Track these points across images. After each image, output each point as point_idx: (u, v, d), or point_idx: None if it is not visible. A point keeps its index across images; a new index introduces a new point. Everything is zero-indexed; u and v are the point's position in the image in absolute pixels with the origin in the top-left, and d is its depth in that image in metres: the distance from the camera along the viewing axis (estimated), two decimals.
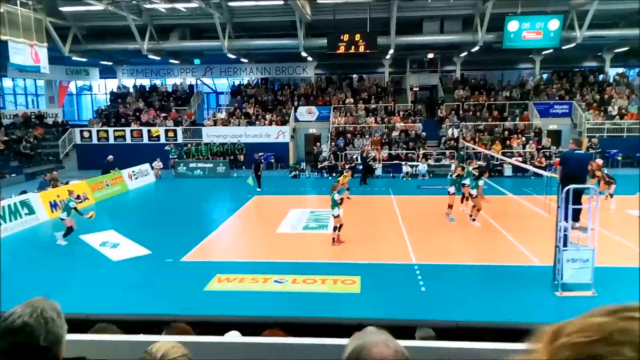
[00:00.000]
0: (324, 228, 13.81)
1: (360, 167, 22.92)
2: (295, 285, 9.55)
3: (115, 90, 33.62)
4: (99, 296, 9.11)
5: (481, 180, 14.60)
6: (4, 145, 25.34)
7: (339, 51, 24.07)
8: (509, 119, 27.00)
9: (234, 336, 3.19)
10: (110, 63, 31.71)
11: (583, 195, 9.39)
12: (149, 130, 27.44)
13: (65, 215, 12.95)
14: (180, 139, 27.18)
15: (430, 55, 29.78)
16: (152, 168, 23.93)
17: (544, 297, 8.72)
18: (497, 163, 23.31)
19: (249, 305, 8.57)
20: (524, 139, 25.15)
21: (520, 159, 22.42)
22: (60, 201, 16.78)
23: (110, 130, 27.74)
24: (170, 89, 32.86)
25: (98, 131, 27.76)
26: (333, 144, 25.94)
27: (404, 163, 24.15)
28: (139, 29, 24.44)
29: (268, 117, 27.57)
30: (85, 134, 27.90)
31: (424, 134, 26.33)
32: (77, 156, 27.78)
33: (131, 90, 32.76)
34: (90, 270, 10.83)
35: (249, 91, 31.17)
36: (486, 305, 8.31)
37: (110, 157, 22.00)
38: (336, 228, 12.28)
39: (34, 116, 30.20)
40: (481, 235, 13.21)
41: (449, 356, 2.03)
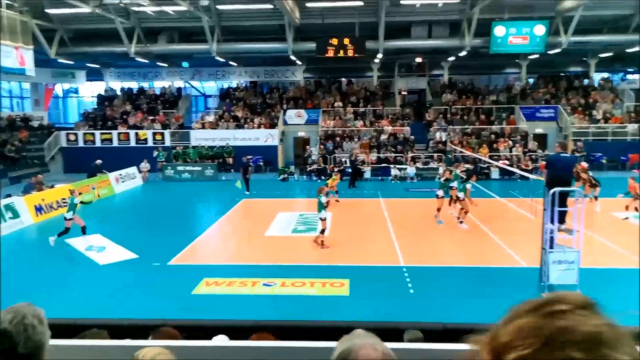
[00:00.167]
0: (313, 231, 13.79)
1: (349, 170, 22.98)
2: (284, 288, 9.53)
3: (102, 93, 33.32)
4: (86, 301, 9.00)
5: (469, 183, 14.74)
6: None
7: (327, 55, 24.15)
8: (496, 122, 27.27)
9: (222, 340, 3.17)
10: (97, 66, 31.43)
11: (569, 198, 9.52)
12: (137, 133, 27.23)
13: (71, 214, 12.80)
14: (168, 142, 27.00)
15: (418, 59, 30.00)
16: (140, 171, 23.74)
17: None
18: (485, 166, 23.53)
19: (237, 309, 8.52)
20: (511, 142, 25.41)
21: (507, 162, 22.64)
22: (45, 205, 16.59)
23: (97, 133, 27.47)
24: (158, 92, 32.65)
25: (84, 134, 27.48)
26: (322, 147, 25.97)
27: (392, 166, 24.26)
28: (127, 32, 24.26)
29: (257, 121, 27.52)
30: (72, 137, 27.60)
31: (412, 137, 26.48)
32: (63, 159, 27.46)
33: (118, 93, 32.50)
34: (76, 275, 10.70)
35: (237, 94, 31.10)
36: (473, 307, 8.36)
37: (98, 161, 21.78)
38: (322, 231, 12.29)
39: (19, 119, 29.77)
40: (469, 238, 13.30)
41: (436, 358, 2.04)
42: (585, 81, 30.24)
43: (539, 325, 0.72)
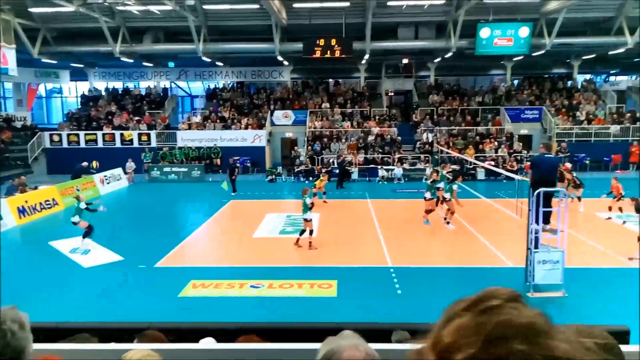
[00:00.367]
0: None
1: (337, 171, 23.00)
2: (272, 290, 9.50)
3: (86, 93, 32.89)
4: (70, 304, 8.88)
5: (455, 184, 14.84)
6: None
7: (315, 56, 24.16)
8: (482, 123, 27.54)
9: (209, 343, 3.15)
10: (81, 65, 31.02)
11: (553, 198, 9.64)
12: (122, 134, 26.93)
13: (77, 218, 12.69)
14: (154, 143, 26.75)
15: (405, 60, 30.17)
16: (125, 172, 23.49)
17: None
18: (471, 167, 23.73)
19: (225, 311, 8.47)
20: (496, 143, 25.67)
21: (492, 163, 22.86)
22: (28, 207, 16.34)
23: (81, 133, 27.11)
24: (143, 92, 32.34)
25: (68, 135, 27.11)
26: (309, 148, 25.97)
27: (379, 167, 24.34)
28: (112, 31, 23.99)
29: (244, 121, 27.41)
30: (55, 138, 27.21)
31: (399, 138, 26.60)
32: (47, 160, 27.05)
33: (103, 93, 32.11)
34: (60, 278, 10.54)
35: (224, 95, 30.94)
36: None
37: (84, 163, 21.49)
38: (311, 232, 12.29)
39: (1, 119, 29.23)
40: (455, 238, 13.40)
41: None
42: (569, 83, 30.68)
43: (477, 322, 0.75)
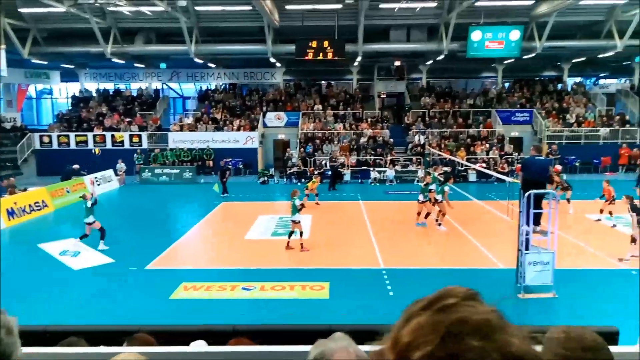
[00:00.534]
0: (293, 234, 13.76)
1: (329, 173, 23.01)
2: (264, 292, 9.47)
3: (77, 94, 32.64)
4: (59, 306, 8.79)
5: (446, 185, 14.90)
6: None
7: (307, 57, 24.17)
8: (473, 126, 27.69)
9: (200, 346, 3.13)
10: (72, 66, 30.78)
11: (543, 200, 9.71)
12: (113, 136, 26.75)
13: (92, 218, 12.61)
14: (145, 145, 26.60)
15: (397, 63, 30.28)
16: (116, 174, 23.32)
17: (508, 300, 8.93)
18: (462, 169, 23.84)
19: (216, 314, 8.43)
20: (488, 145, 25.82)
21: (484, 165, 22.99)
22: (18, 208, 16.18)
23: (72, 135, 26.89)
24: (135, 94, 32.15)
25: (59, 136, 26.87)
26: (302, 150, 25.96)
27: (372, 169, 24.39)
28: (103, 32, 23.83)
29: (236, 123, 27.34)
30: (45, 139, 26.95)
31: (391, 140, 26.67)
32: (36, 162, 26.79)
33: (94, 94, 31.88)
34: (49, 280, 10.43)
35: (216, 96, 30.84)
36: None
37: (75, 166, 21.31)
38: (301, 234, 12.28)
39: None
40: (447, 240, 13.45)
41: None
42: (559, 85, 30.95)
43: (434, 320, 0.77)
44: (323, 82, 33.13)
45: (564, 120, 27.14)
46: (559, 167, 18.65)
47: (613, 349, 1.51)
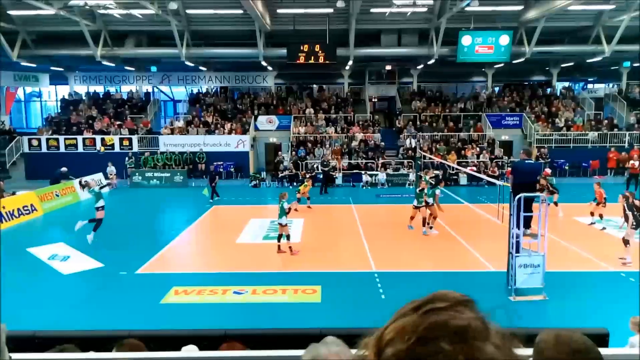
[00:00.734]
0: (285, 238, 13.74)
1: (321, 177, 23.02)
2: (255, 296, 9.44)
3: (66, 97, 32.36)
4: (48, 312, 8.69)
5: (437, 189, 14.96)
6: None
7: (299, 61, 24.21)
8: (464, 129, 27.87)
9: (191, 350, 3.11)
10: (61, 69, 30.52)
11: (533, 203, 9.78)
12: (103, 139, 26.55)
13: (102, 202, 12.76)
14: (135, 148, 26.43)
15: (388, 67, 30.41)
16: (107, 177, 23.14)
17: (499, 302, 8.98)
18: (453, 172, 23.96)
19: (208, 318, 8.39)
20: (478, 149, 25.98)
21: (474, 169, 23.13)
22: (6, 212, 16.00)
23: (61, 138, 26.63)
24: (125, 96, 31.95)
25: (48, 139, 26.60)
26: (294, 153, 25.95)
27: (363, 172, 24.44)
28: (93, 35, 23.66)
29: (227, 126, 27.27)
30: (34, 143, 26.67)
31: (382, 143, 26.76)
32: (25, 165, 26.49)
33: (84, 97, 31.63)
34: (38, 285, 10.32)
35: (207, 100, 30.75)
36: None
37: (63, 169, 21.09)
38: (287, 237, 12.28)
39: None
40: (438, 243, 13.50)
41: None
42: (548, 90, 31.27)
43: (417, 322, 0.79)
44: (314, 86, 33.18)
45: (553, 124, 27.40)
46: (548, 171, 18.82)
47: (603, 350, 1.53)
